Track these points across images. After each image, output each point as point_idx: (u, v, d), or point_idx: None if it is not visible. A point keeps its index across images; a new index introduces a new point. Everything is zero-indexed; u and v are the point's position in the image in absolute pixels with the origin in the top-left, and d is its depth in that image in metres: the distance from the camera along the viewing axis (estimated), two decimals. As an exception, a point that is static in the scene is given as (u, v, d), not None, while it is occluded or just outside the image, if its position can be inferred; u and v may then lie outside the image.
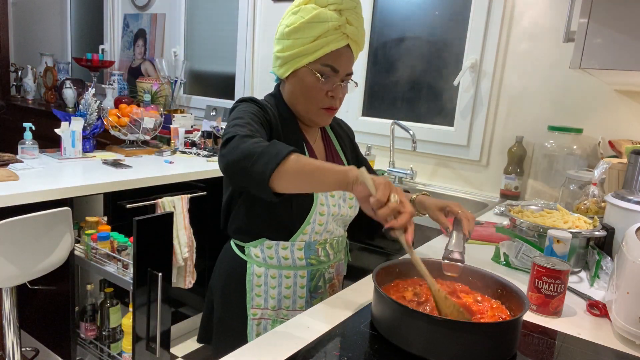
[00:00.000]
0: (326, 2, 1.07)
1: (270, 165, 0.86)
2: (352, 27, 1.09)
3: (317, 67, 1.09)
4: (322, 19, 1.06)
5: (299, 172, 0.88)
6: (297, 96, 1.15)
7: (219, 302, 1.25)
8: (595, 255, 1.30)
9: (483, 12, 2.28)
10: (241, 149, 0.90)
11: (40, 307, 2.20)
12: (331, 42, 1.07)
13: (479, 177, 2.41)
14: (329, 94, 1.12)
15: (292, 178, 0.88)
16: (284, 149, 0.88)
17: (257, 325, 1.19)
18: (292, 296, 1.20)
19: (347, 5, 1.07)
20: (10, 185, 1.83)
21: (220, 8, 3.37)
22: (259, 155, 0.88)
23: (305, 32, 1.07)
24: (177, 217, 2.27)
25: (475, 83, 2.34)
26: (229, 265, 1.23)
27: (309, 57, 1.08)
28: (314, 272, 1.21)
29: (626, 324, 0.93)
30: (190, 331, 2.71)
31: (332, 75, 1.11)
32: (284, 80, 1.18)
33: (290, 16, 1.10)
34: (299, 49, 1.08)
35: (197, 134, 2.99)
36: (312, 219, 1.14)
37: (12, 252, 1.61)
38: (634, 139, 1.96)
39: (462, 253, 1.03)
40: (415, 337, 0.82)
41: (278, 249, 1.16)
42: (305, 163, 0.88)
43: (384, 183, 0.84)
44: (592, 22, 1.26)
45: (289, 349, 0.84)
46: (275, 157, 0.87)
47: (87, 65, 3.71)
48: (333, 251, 1.24)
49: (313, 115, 1.16)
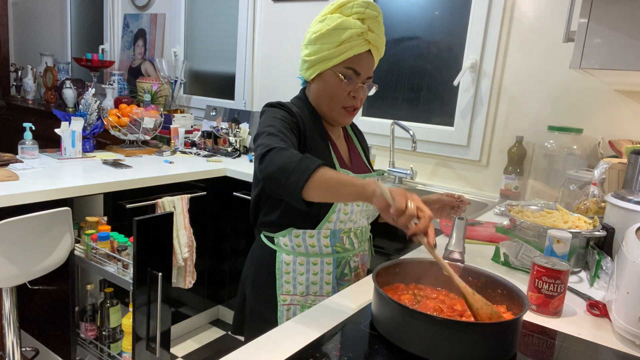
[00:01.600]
0: (350, 12, 1.18)
1: (301, 180, 0.99)
2: (373, 34, 1.19)
3: (340, 69, 1.20)
4: (346, 26, 1.16)
5: (325, 186, 0.99)
6: (322, 96, 1.25)
7: (251, 292, 1.33)
8: (595, 255, 1.30)
9: (483, 12, 2.28)
10: (277, 163, 1.03)
11: (40, 307, 2.20)
12: (354, 47, 1.18)
13: (479, 177, 2.41)
14: (351, 94, 1.23)
15: (319, 192, 1.00)
16: (312, 165, 1.00)
17: (287, 311, 1.27)
18: (319, 282, 1.27)
19: (369, 15, 1.18)
20: (10, 185, 1.83)
21: (220, 8, 3.37)
22: (292, 170, 1.01)
23: (330, 38, 1.18)
24: (177, 217, 2.27)
25: (475, 83, 2.34)
26: (259, 257, 1.32)
27: (334, 61, 1.19)
28: (339, 260, 1.28)
29: (626, 324, 0.93)
30: (190, 331, 2.71)
31: (354, 77, 1.21)
32: (310, 83, 1.29)
33: (317, 24, 1.22)
34: (324, 53, 1.19)
35: (197, 134, 2.99)
36: (337, 207, 1.22)
37: (12, 252, 1.61)
38: (634, 139, 1.96)
39: (462, 253, 1.03)
40: (415, 337, 0.82)
41: (305, 237, 1.24)
42: (330, 178, 0.99)
43: (401, 193, 0.91)
44: (592, 22, 1.26)
45: (289, 349, 0.84)
46: (305, 172, 0.99)
47: (87, 65, 3.71)
48: (357, 240, 1.31)
49: (336, 114, 1.26)
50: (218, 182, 2.56)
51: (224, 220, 2.65)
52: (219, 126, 2.97)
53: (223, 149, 2.91)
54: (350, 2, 1.19)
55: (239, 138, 2.90)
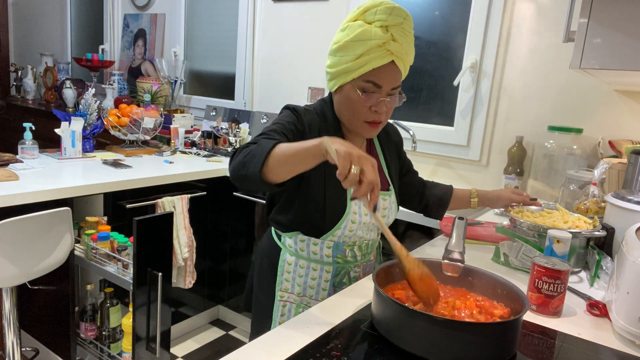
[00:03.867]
0: (372, 18, 1.10)
1: (258, 164, 0.96)
2: (396, 44, 1.10)
3: (359, 83, 1.13)
4: (365, 37, 1.08)
5: (282, 161, 0.96)
6: (343, 110, 1.19)
7: (255, 278, 1.37)
8: (595, 255, 1.30)
9: (483, 12, 2.28)
10: (236, 160, 1.02)
11: (40, 307, 2.20)
12: (373, 60, 1.09)
13: (479, 177, 2.41)
14: (372, 108, 1.15)
15: (278, 168, 0.96)
16: (266, 145, 0.97)
17: (282, 307, 1.28)
18: (316, 287, 1.27)
19: (393, 22, 1.09)
20: (10, 185, 1.83)
21: (220, 8, 3.37)
22: (249, 159, 0.98)
23: (349, 50, 1.10)
24: (177, 217, 2.27)
25: (475, 83, 2.34)
26: (267, 248, 1.34)
27: (352, 74, 1.12)
28: (339, 269, 1.27)
29: (626, 324, 0.93)
30: (190, 331, 2.71)
31: (375, 90, 1.13)
32: (334, 93, 1.22)
33: (338, 33, 1.15)
34: (343, 66, 1.12)
35: (197, 134, 2.99)
36: (342, 225, 1.20)
37: (12, 252, 1.61)
38: (634, 139, 1.96)
39: (462, 253, 1.03)
40: (415, 337, 0.82)
41: (309, 243, 1.24)
42: (284, 151, 0.95)
43: (344, 154, 0.86)
44: (592, 22, 1.26)
45: (289, 349, 0.84)
46: (260, 155, 0.96)
47: (87, 65, 3.71)
48: (361, 253, 1.30)
49: (357, 128, 1.20)
50: (218, 182, 2.56)
51: (224, 220, 2.65)
52: (219, 126, 2.97)
53: (223, 149, 2.91)
54: (373, 7, 1.10)
55: (239, 138, 2.90)
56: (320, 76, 2.89)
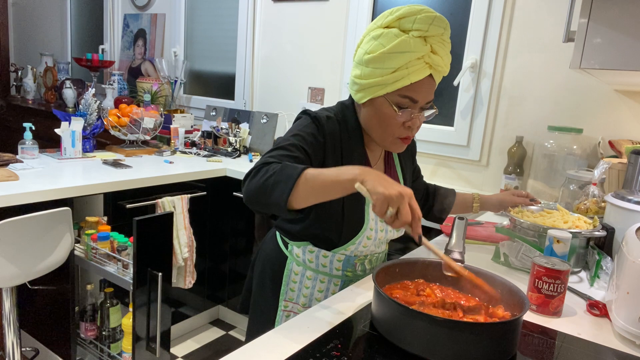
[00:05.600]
0: (410, 27, 1.01)
1: (284, 194, 0.91)
2: (436, 57, 1.03)
3: (395, 98, 1.05)
4: (403, 50, 1.00)
5: (310, 191, 0.91)
6: (373, 124, 1.11)
7: (256, 285, 1.32)
8: (595, 255, 1.30)
9: (483, 12, 2.28)
10: (255, 183, 0.95)
11: (40, 307, 2.20)
12: (412, 74, 1.01)
13: (479, 177, 2.41)
14: (406, 124, 1.08)
15: (305, 198, 0.92)
16: (293, 172, 0.91)
17: (286, 317, 1.24)
18: (322, 299, 1.23)
19: (433, 32, 1.01)
20: (10, 185, 1.83)
21: (220, 8, 3.37)
22: (273, 186, 0.92)
23: (385, 63, 1.01)
24: (177, 217, 2.27)
25: (475, 83, 2.34)
26: (270, 255, 1.27)
27: (387, 88, 1.03)
28: (347, 282, 1.23)
29: (626, 324, 0.93)
30: (190, 331, 2.71)
31: (411, 105, 1.06)
32: (361, 105, 1.13)
33: (370, 41, 1.04)
34: (377, 79, 1.03)
35: (197, 134, 2.99)
36: (357, 241, 1.17)
37: (12, 252, 1.61)
38: (634, 139, 1.96)
39: (462, 253, 1.03)
40: (415, 337, 0.82)
41: (319, 255, 1.20)
42: (313, 180, 0.91)
43: (382, 198, 0.83)
44: (592, 22, 1.25)
45: (289, 349, 0.84)
46: (287, 183, 0.91)
47: (87, 65, 3.71)
48: (370, 266, 1.27)
49: (388, 144, 1.13)
50: (218, 182, 2.56)
51: (224, 220, 2.65)
52: (219, 126, 2.97)
53: (223, 149, 2.91)
54: (411, 14, 1.01)
55: (239, 138, 2.91)
56: (320, 76, 2.89)
